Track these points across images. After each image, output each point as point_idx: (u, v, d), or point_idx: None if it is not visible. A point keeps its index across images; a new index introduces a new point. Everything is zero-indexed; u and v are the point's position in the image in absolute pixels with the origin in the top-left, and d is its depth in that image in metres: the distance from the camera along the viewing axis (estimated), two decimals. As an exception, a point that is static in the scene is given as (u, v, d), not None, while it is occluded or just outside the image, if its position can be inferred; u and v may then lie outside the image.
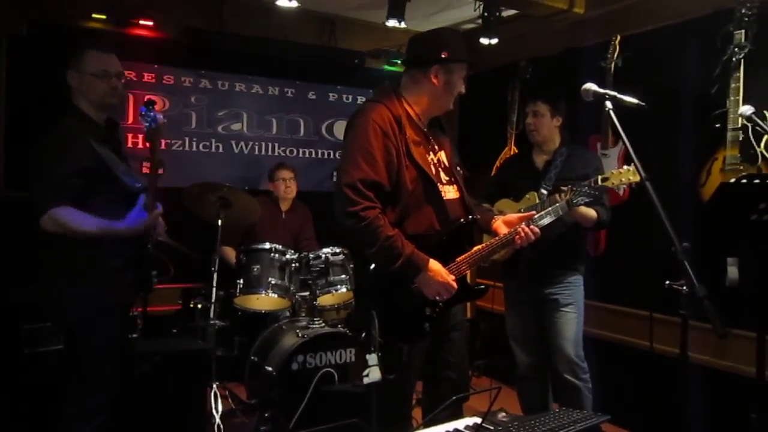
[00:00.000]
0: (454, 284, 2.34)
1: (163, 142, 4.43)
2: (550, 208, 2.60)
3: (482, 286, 2.56)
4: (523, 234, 2.45)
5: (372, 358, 1.80)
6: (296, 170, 4.58)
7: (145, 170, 4.44)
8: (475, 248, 2.44)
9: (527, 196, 3.29)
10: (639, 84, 3.55)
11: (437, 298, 2.33)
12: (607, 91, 2.17)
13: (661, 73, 3.79)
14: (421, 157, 2.39)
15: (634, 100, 2.16)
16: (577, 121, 3.66)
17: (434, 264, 2.31)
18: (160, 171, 2.55)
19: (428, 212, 2.39)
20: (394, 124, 2.36)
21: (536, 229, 2.47)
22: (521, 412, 3.47)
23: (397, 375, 2.29)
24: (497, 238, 2.48)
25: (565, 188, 2.97)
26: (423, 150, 2.44)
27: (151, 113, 2.42)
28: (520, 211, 3.28)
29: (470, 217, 2.47)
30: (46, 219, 2.28)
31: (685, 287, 1.81)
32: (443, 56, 2.40)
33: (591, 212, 3.09)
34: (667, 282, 1.85)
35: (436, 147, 2.53)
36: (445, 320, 2.48)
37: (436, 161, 2.50)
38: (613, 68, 3.87)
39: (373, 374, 1.79)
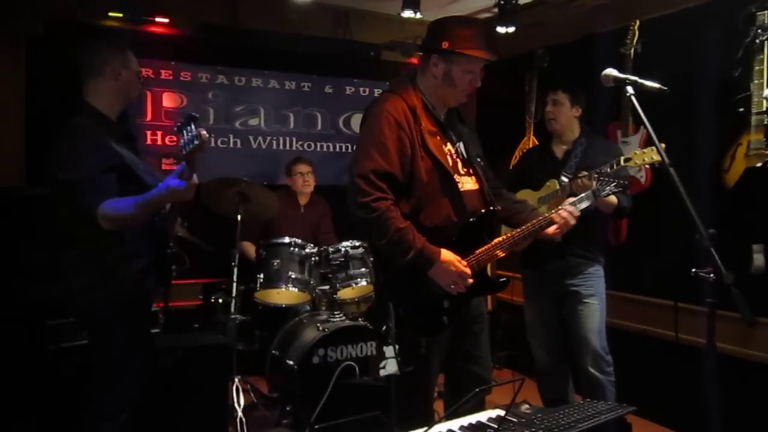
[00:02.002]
0: (468, 271, 2.30)
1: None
2: (583, 194, 2.54)
3: (503, 279, 2.53)
4: (563, 215, 2.39)
5: (389, 351, 1.79)
6: (314, 164, 4.59)
7: (165, 167, 4.51)
8: (496, 240, 2.41)
9: (547, 183, 3.27)
10: (659, 69, 3.48)
11: (452, 287, 2.31)
12: (628, 76, 2.13)
13: (682, 58, 3.72)
14: (436, 148, 2.37)
15: (656, 85, 2.11)
16: (596, 109, 3.61)
17: (446, 254, 2.28)
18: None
19: (444, 204, 2.36)
20: (408, 115, 2.33)
21: (576, 211, 2.41)
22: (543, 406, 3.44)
23: (415, 367, 2.28)
24: (527, 225, 2.43)
25: (585, 173, 2.94)
26: (439, 140, 2.41)
27: (193, 131, 2.07)
28: (539, 200, 3.25)
29: (490, 208, 2.43)
30: (101, 221, 2.24)
31: (711, 275, 1.77)
32: (443, 46, 2.35)
33: (612, 198, 3.04)
34: (693, 270, 1.81)
35: (453, 137, 2.50)
36: (466, 313, 2.46)
37: (453, 152, 2.46)
38: (632, 54, 3.81)
39: (390, 366, 1.77)
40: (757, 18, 3.14)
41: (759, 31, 3.12)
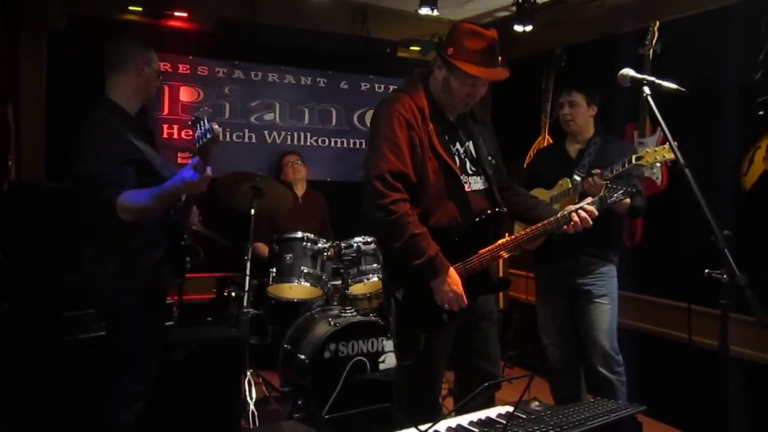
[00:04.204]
0: (465, 300, 2.30)
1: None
2: (596, 198, 2.51)
3: (504, 279, 2.53)
4: (582, 215, 2.36)
5: (388, 345, 1.80)
6: (302, 155, 4.75)
7: (181, 161, 4.55)
8: (500, 241, 2.40)
9: (560, 182, 3.26)
10: (678, 71, 3.47)
11: (446, 306, 2.30)
12: (645, 77, 2.12)
13: (702, 60, 3.69)
14: (444, 148, 2.37)
15: (673, 86, 2.10)
16: (613, 109, 3.59)
17: (454, 273, 2.30)
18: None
19: (450, 204, 2.37)
20: (417, 115, 2.34)
21: (594, 212, 2.38)
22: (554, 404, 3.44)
23: (413, 362, 2.29)
24: (535, 226, 2.42)
25: (598, 171, 2.92)
26: (447, 140, 2.41)
27: (206, 125, 2.13)
28: (551, 198, 3.24)
29: (496, 209, 2.43)
30: (119, 211, 2.28)
31: (725, 276, 1.76)
32: (448, 52, 2.33)
33: (626, 199, 3.02)
34: (707, 271, 1.80)
35: (463, 137, 2.49)
36: (470, 311, 2.45)
37: (462, 151, 2.46)
38: (651, 55, 3.78)
39: (389, 360, 1.78)
40: (779, 20, 3.11)
41: (781, 33, 3.09)
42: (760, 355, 3.33)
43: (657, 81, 2.11)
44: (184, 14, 4.48)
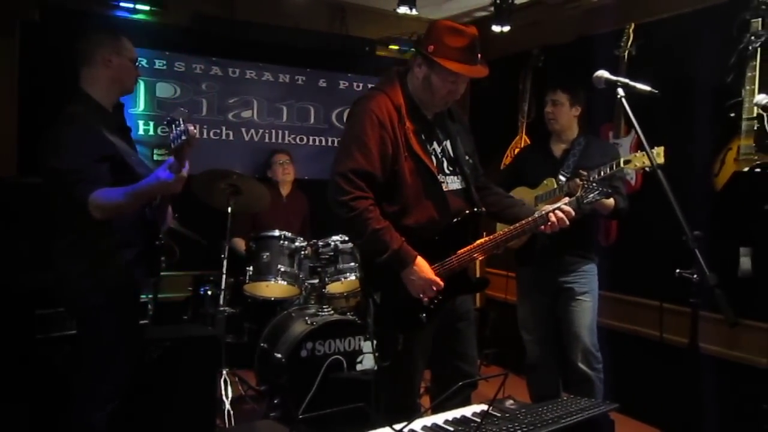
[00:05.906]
0: (440, 282, 2.31)
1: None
2: (572, 198, 2.52)
3: (482, 279, 2.54)
4: (559, 215, 2.35)
5: (366, 346, 1.80)
6: (292, 155, 4.72)
7: (157, 158, 4.50)
8: (478, 241, 2.41)
9: (545, 182, 3.29)
10: (653, 73, 3.51)
11: (421, 295, 2.31)
12: (619, 79, 2.15)
13: (676, 62, 3.75)
14: (420, 148, 2.36)
15: (647, 88, 2.14)
16: (589, 109, 3.63)
17: (421, 261, 2.29)
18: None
19: (428, 205, 2.36)
20: (393, 114, 2.33)
21: (572, 212, 2.37)
22: (530, 402, 3.47)
23: (392, 363, 2.29)
24: (513, 226, 2.42)
25: (584, 172, 2.95)
26: (424, 140, 2.41)
27: (182, 126, 2.09)
28: (536, 198, 3.27)
29: (474, 209, 2.44)
30: (92, 210, 2.25)
31: (695, 276, 1.79)
32: (428, 50, 2.32)
33: (609, 200, 3.06)
34: (678, 270, 1.84)
35: (440, 136, 2.49)
36: (450, 311, 2.47)
37: (439, 151, 2.46)
38: (626, 56, 3.83)
39: (366, 361, 1.79)
40: (750, 25, 3.16)
41: (752, 38, 3.14)
42: (728, 352, 3.40)
43: (631, 83, 2.14)
44: (161, 9, 4.42)
